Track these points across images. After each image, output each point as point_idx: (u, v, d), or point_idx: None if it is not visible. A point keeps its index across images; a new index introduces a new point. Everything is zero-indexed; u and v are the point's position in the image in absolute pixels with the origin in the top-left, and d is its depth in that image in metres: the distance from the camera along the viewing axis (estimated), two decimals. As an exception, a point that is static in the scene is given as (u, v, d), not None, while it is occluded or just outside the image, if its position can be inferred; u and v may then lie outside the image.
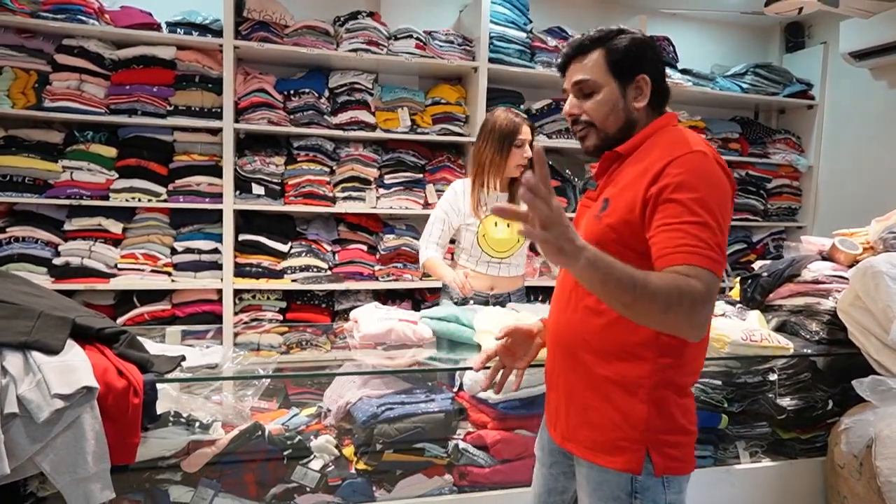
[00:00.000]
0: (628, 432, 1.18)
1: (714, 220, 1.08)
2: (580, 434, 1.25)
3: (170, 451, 1.65)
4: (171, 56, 2.97)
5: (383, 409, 1.84)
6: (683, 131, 1.22)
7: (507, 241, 2.32)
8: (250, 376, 1.84)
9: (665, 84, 1.28)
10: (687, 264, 1.05)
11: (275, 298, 3.22)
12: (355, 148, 3.29)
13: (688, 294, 1.01)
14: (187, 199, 3.03)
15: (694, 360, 1.24)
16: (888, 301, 2.03)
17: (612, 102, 1.24)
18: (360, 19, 3.15)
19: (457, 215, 2.37)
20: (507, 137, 2.27)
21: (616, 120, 1.25)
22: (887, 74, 3.59)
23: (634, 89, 1.24)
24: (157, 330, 2.51)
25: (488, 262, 2.36)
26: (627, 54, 1.23)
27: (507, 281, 2.40)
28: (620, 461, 1.18)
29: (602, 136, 1.27)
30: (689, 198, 1.09)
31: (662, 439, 1.19)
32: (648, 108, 1.26)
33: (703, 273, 1.04)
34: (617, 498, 1.20)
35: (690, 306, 1.02)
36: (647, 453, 1.17)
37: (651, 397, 1.18)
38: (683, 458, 1.21)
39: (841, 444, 2.08)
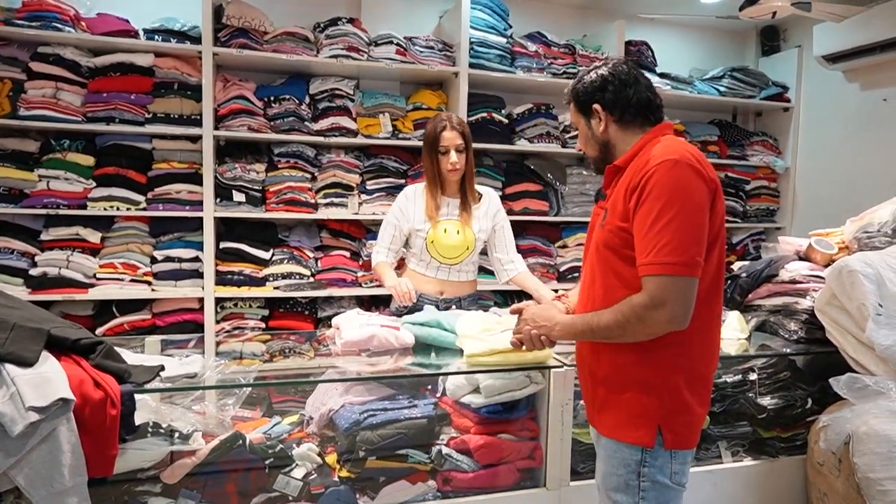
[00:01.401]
0: (643, 413, 1.37)
1: (676, 219, 1.26)
2: (602, 414, 1.46)
3: (149, 462, 1.63)
4: (149, 63, 2.95)
5: (366, 415, 1.83)
6: (666, 141, 1.38)
7: (457, 247, 2.32)
8: (230, 385, 1.82)
9: (627, 100, 1.44)
10: (643, 276, 1.30)
11: (257, 306, 3.20)
12: (337, 154, 3.29)
13: (628, 313, 1.31)
14: (167, 208, 3.00)
15: (703, 347, 1.41)
16: (863, 300, 2.06)
17: (585, 135, 1.51)
18: (340, 25, 3.15)
19: (407, 221, 2.36)
20: (431, 145, 2.29)
21: (592, 147, 1.50)
22: (860, 77, 3.66)
23: (594, 119, 1.47)
24: (137, 340, 2.48)
25: (438, 267, 2.36)
26: (583, 93, 1.47)
27: (457, 286, 2.41)
28: (635, 436, 1.37)
29: (592, 161, 1.53)
30: (654, 205, 1.28)
31: (673, 418, 1.37)
32: (619, 125, 1.45)
33: (649, 281, 1.29)
34: (627, 465, 1.39)
35: (638, 320, 1.30)
36: (658, 430, 1.36)
37: (664, 382, 1.36)
38: (690, 434, 1.40)
39: (820, 441, 2.11)
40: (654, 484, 1.37)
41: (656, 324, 1.29)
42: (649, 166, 1.30)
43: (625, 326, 1.31)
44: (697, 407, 1.39)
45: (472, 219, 2.34)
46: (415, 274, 2.41)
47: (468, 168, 2.33)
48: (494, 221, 2.42)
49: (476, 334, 1.92)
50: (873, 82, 3.58)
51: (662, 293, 1.27)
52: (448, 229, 2.32)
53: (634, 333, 1.32)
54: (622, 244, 1.36)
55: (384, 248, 2.41)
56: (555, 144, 3.57)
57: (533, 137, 3.53)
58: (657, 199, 1.27)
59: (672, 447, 1.37)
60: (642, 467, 1.37)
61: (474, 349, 1.84)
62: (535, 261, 3.58)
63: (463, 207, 2.34)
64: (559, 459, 1.95)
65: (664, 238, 1.26)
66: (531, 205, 3.55)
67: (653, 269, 1.28)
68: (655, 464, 1.37)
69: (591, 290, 1.47)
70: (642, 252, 1.30)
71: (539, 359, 1.86)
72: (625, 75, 1.44)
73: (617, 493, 1.42)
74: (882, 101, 3.53)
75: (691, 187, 1.28)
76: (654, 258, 1.27)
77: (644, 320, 1.29)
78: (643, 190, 1.30)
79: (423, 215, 2.33)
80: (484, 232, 2.39)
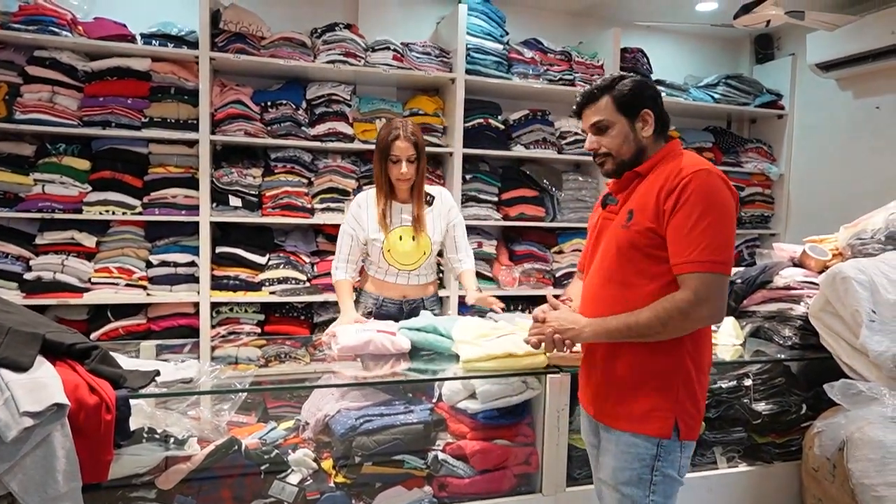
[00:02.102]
0: (662, 405, 1.43)
1: (714, 223, 1.35)
2: (619, 410, 1.49)
3: (144, 467, 1.62)
4: (146, 68, 2.95)
5: (362, 421, 1.83)
6: (691, 154, 1.50)
7: (412, 254, 2.33)
8: (225, 390, 1.81)
9: (665, 113, 1.53)
10: (682, 273, 1.38)
11: (253, 311, 3.19)
12: (333, 159, 3.29)
13: (671, 309, 1.37)
14: (163, 212, 3.00)
15: (706, 339, 1.51)
16: (857, 306, 2.07)
17: (623, 135, 1.51)
18: (337, 31, 3.16)
19: (362, 230, 2.34)
20: (382, 152, 2.25)
21: (629, 149, 1.52)
22: (852, 85, 3.69)
23: (641, 122, 1.51)
24: (132, 345, 2.47)
25: (397, 274, 2.36)
26: (631, 95, 1.50)
27: (417, 289, 2.42)
28: (654, 428, 1.43)
29: (618, 163, 1.53)
30: (693, 209, 1.36)
31: (687, 410, 1.44)
32: (655, 135, 1.52)
33: (692, 278, 1.36)
34: (643, 459, 1.44)
35: (680, 315, 1.36)
36: (675, 422, 1.42)
37: (680, 377, 1.44)
38: (696, 425, 1.48)
39: (814, 447, 2.12)
40: (665, 477, 1.45)
41: (698, 319, 1.38)
42: (685, 173, 1.39)
43: (666, 322, 1.37)
44: (702, 398, 1.49)
45: (425, 223, 2.33)
46: (375, 280, 2.40)
47: (419, 176, 2.30)
48: (448, 220, 2.40)
49: (472, 340, 1.92)
50: (866, 90, 3.62)
51: (707, 289, 1.35)
52: (403, 236, 2.31)
53: (675, 329, 1.38)
54: (650, 244, 1.42)
55: (343, 263, 2.36)
56: (551, 150, 3.58)
57: (529, 143, 3.55)
58: (696, 203, 1.36)
59: (685, 438, 1.45)
60: (656, 461, 1.44)
61: (471, 355, 1.84)
62: (531, 266, 3.59)
63: (415, 213, 2.33)
64: (555, 465, 1.95)
65: (705, 239, 1.35)
66: (527, 210, 3.56)
67: (696, 267, 1.35)
68: (668, 458, 1.44)
69: (603, 290, 1.51)
70: (682, 252, 1.37)
71: (534, 365, 1.87)
72: (656, 90, 1.55)
73: (628, 487, 1.46)
74: (875, 109, 3.56)
75: (724, 196, 1.39)
76: (698, 256, 1.35)
77: (688, 316, 1.36)
78: (681, 194, 1.38)
79: (376, 224, 2.31)
80: (439, 233, 2.38)
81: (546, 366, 1.89)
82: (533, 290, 3.58)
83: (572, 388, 1.96)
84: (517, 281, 3.53)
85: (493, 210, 3.53)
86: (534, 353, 1.84)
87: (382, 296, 2.39)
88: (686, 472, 1.50)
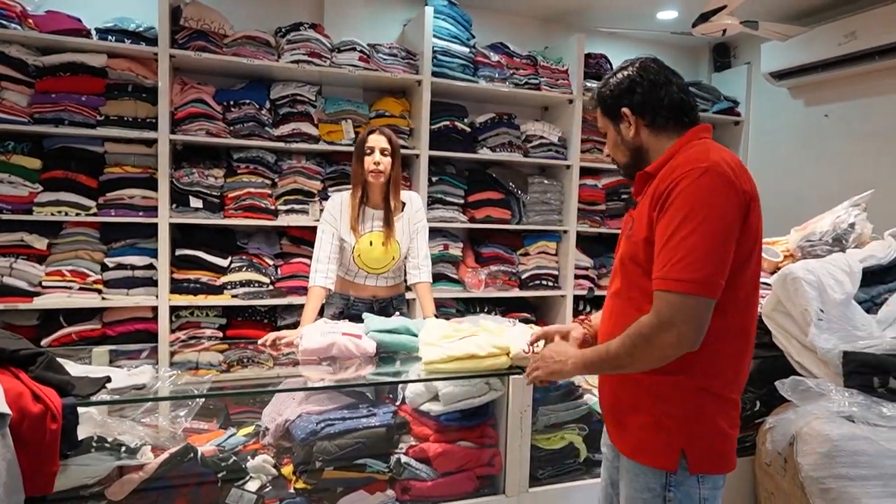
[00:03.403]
0: (662, 435, 1.28)
1: (697, 232, 1.17)
2: (622, 434, 1.38)
3: (93, 478, 1.56)
4: (102, 64, 2.86)
5: (323, 425, 1.81)
6: (700, 146, 1.28)
7: (382, 259, 2.37)
8: (179, 396, 1.77)
9: (658, 102, 1.33)
10: (655, 291, 1.21)
11: (214, 315, 3.13)
12: (298, 160, 3.25)
13: (635, 336, 1.23)
14: (119, 213, 2.91)
15: (728, 368, 1.30)
16: (806, 305, 2.14)
17: (613, 140, 1.43)
18: (302, 31, 3.13)
19: (337, 229, 2.37)
20: (359, 147, 2.34)
21: (622, 153, 1.42)
22: (803, 93, 3.83)
23: (624, 122, 1.37)
24: (85, 351, 2.39)
25: (366, 276, 2.41)
26: (609, 96, 1.39)
27: (386, 290, 2.47)
28: (654, 459, 1.29)
29: (622, 166, 1.44)
30: (675, 215, 1.19)
31: (698, 440, 1.27)
32: (651, 129, 1.35)
33: (661, 298, 1.20)
34: (651, 489, 1.30)
35: (645, 341, 1.21)
36: (682, 452, 1.26)
37: (686, 403, 1.27)
38: (720, 458, 1.30)
39: (767, 442, 2.18)
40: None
41: (664, 345, 1.19)
42: (676, 174, 1.22)
43: (632, 352, 1.23)
44: (728, 429, 1.30)
45: (395, 230, 2.38)
46: (345, 281, 2.42)
47: (394, 179, 2.34)
48: (414, 222, 2.44)
49: (436, 341, 1.92)
50: (816, 99, 3.75)
51: (671, 312, 1.17)
52: (373, 242, 2.35)
53: (643, 359, 1.23)
54: (647, 258, 1.26)
55: (323, 264, 2.33)
56: (517, 154, 3.61)
57: (495, 146, 3.57)
58: (679, 209, 1.18)
59: (698, 471, 1.27)
60: (667, 491, 1.28)
61: (432, 356, 1.84)
62: (497, 268, 3.61)
63: (386, 220, 2.36)
64: (518, 466, 1.96)
65: (679, 253, 1.17)
66: (493, 213, 3.58)
67: (664, 285, 1.19)
68: (681, 489, 1.27)
69: (613, 302, 1.40)
70: (657, 266, 1.21)
71: (497, 366, 1.87)
72: (654, 74, 1.34)
73: None
74: (824, 117, 3.70)
75: (718, 199, 1.18)
76: (668, 273, 1.18)
77: (650, 341, 1.20)
78: (667, 199, 1.21)
79: (348, 227, 2.35)
80: (408, 239, 2.43)
81: (509, 367, 1.90)
82: (499, 291, 3.60)
83: (535, 389, 1.97)
84: (483, 283, 3.54)
85: (459, 212, 3.54)
86: (496, 353, 1.85)
87: (353, 296, 2.42)
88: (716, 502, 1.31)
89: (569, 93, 3.67)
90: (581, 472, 2.16)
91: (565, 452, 2.13)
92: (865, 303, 2.30)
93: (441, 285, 3.51)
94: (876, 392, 2.01)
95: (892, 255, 2.38)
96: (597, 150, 3.78)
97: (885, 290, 2.34)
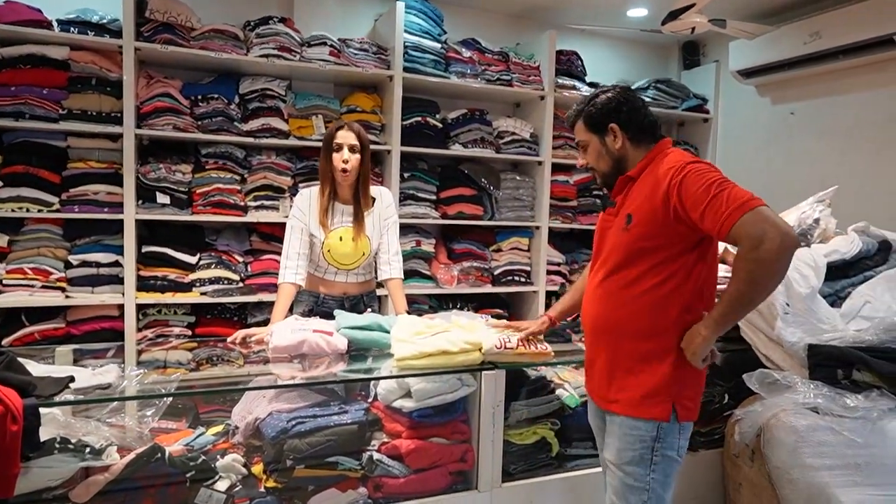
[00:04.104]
0: (660, 391, 1.54)
1: (723, 182, 1.43)
2: (620, 395, 1.60)
3: (56, 480, 1.52)
4: (64, 56, 2.78)
5: (294, 423, 1.79)
6: (675, 153, 1.58)
7: (352, 255, 2.34)
8: (145, 396, 1.73)
9: (640, 120, 1.63)
10: (731, 230, 1.38)
11: (182, 313, 3.06)
12: (268, 156, 3.20)
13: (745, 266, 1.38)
14: (83, 209, 2.83)
15: None
16: (772, 299, 2.19)
17: (597, 151, 1.67)
18: (271, 24, 3.08)
19: (306, 224, 2.34)
20: (327, 143, 2.31)
21: (605, 162, 1.66)
22: (770, 91, 3.91)
23: (610, 136, 1.63)
24: (48, 351, 2.33)
25: (336, 272, 2.38)
26: (597, 113, 1.64)
27: (357, 286, 2.44)
28: (653, 412, 1.54)
29: (601, 174, 1.69)
30: (699, 184, 1.43)
31: (683, 394, 1.56)
32: (632, 142, 1.63)
33: (740, 227, 1.37)
34: (644, 441, 1.56)
35: (756, 264, 1.37)
36: (672, 406, 1.53)
37: (675, 363, 1.53)
38: (695, 407, 1.60)
39: (735, 434, 2.23)
40: (664, 458, 1.56)
41: (773, 252, 1.34)
42: (676, 166, 1.49)
43: (752, 279, 1.38)
44: (699, 381, 1.60)
45: (365, 225, 2.35)
46: (315, 277, 2.39)
47: (363, 174, 2.32)
48: (385, 217, 2.43)
49: (408, 337, 1.91)
50: (782, 97, 3.84)
51: (755, 227, 1.36)
52: (343, 237, 2.32)
53: (764, 278, 1.38)
54: (651, 244, 1.53)
55: (293, 261, 2.31)
56: (489, 150, 3.62)
57: (467, 142, 3.57)
58: (698, 180, 1.43)
59: (683, 420, 1.56)
60: (656, 443, 1.55)
61: (404, 352, 1.83)
62: (469, 264, 3.61)
63: (356, 215, 2.34)
64: (491, 461, 1.97)
65: (722, 198, 1.39)
66: (466, 209, 3.58)
67: (733, 218, 1.37)
68: (667, 439, 1.55)
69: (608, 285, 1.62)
70: (715, 220, 1.39)
71: (469, 362, 1.88)
72: (633, 99, 1.65)
73: (630, 466, 1.57)
74: (789, 115, 3.78)
75: (716, 169, 1.49)
76: (728, 212, 1.37)
77: (759, 259, 1.35)
78: (682, 183, 1.45)
79: (317, 222, 2.32)
80: (378, 234, 2.41)
81: (481, 362, 1.91)
82: (471, 288, 3.60)
83: (507, 384, 1.98)
84: (456, 279, 3.54)
85: (431, 208, 3.53)
86: (468, 349, 1.85)
87: (323, 293, 2.38)
88: (684, 452, 1.61)
89: (540, 89, 3.69)
90: (553, 466, 2.19)
91: (538, 447, 2.15)
92: (830, 297, 2.37)
93: (413, 282, 3.50)
94: (840, 384, 2.06)
95: (855, 250, 2.45)
96: (568, 147, 3.80)
97: (849, 284, 2.41)
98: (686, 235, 1.51)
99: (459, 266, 3.58)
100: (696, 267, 1.54)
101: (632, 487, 1.57)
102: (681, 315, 1.54)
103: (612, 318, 1.62)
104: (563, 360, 2.26)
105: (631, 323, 1.58)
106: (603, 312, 1.64)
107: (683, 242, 1.52)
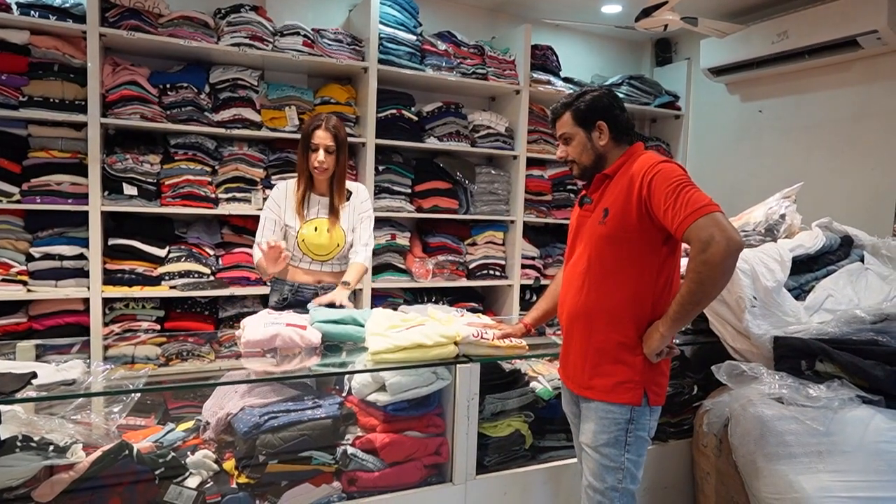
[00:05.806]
0: (632, 377, 1.64)
1: (688, 187, 1.52)
2: (595, 382, 1.69)
3: (18, 479, 1.48)
4: (24, 41, 2.68)
5: (266, 418, 1.77)
6: (649, 154, 1.69)
7: (326, 245, 2.36)
8: (111, 392, 1.69)
9: (624, 122, 1.74)
10: (685, 232, 1.49)
11: (151, 307, 3.00)
12: (239, 147, 3.15)
13: (695, 269, 1.47)
14: (45, 200, 2.75)
15: None
16: (740, 293, 2.24)
17: (582, 144, 1.75)
18: (242, 13, 3.02)
19: (280, 217, 2.36)
20: (304, 140, 2.32)
21: (588, 156, 1.75)
22: (740, 89, 3.99)
23: (597, 132, 1.73)
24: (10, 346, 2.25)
25: (310, 262, 2.40)
26: (587, 109, 1.72)
27: (332, 276, 2.45)
28: (627, 397, 1.65)
29: (582, 168, 1.77)
30: (665, 186, 1.53)
31: (654, 380, 1.67)
32: (614, 141, 1.73)
33: (693, 229, 1.47)
34: (618, 423, 1.66)
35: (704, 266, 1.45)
36: (644, 391, 1.64)
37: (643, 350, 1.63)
38: (663, 394, 1.71)
39: (703, 424, 2.27)
40: (637, 438, 1.67)
41: (719, 255, 1.43)
42: (648, 165, 1.59)
43: (701, 280, 1.48)
44: (666, 368, 1.72)
45: (340, 218, 2.38)
46: (290, 266, 2.39)
47: (339, 170, 2.34)
48: (359, 212, 2.44)
49: (383, 331, 1.90)
50: (751, 95, 3.92)
51: (706, 231, 1.45)
52: (319, 228, 2.34)
53: (712, 279, 1.47)
54: (626, 237, 1.62)
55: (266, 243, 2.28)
56: (464, 143, 3.61)
57: (443, 136, 3.56)
58: (666, 180, 1.54)
59: (653, 404, 1.68)
60: (630, 425, 1.65)
61: (379, 346, 1.82)
62: (444, 258, 3.61)
63: (331, 207, 2.36)
64: (465, 454, 1.98)
65: (682, 200, 1.49)
66: (441, 203, 3.58)
67: (688, 221, 1.47)
68: (640, 422, 1.66)
69: (586, 276, 1.70)
70: (675, 219, 1.50)
71: (444, 355, 1.87)
72: (618, 101, 1.75)
73: (606, 448, 1.67)
74: (758, 113, 3.86)
75: (680, 170, 1.59)
76: (685, 214, 1.48)
77: (708, 262, 1.45)
78: (652, 181, 1.56)
79: (293, 212, 2.34)
80: (352, 226, 2.43)
81: (456, 356, 1.91)
82: (446, 281, 3.60)
83: (481, 377, 1.99)
84: (431, 273, 3.54)
85: (406, 202, 3.51)
86: (443, 343, 1.85)
87: (298, 282, 2.38)
88: (654, 433, 1.73)
89: (516, 83, 3.70)
90: (527, 458, 2.20)
91: (512, 440, 2.16)
92: (795, 290, 2.42)
93: (388, 275, 3.49)
94: (803, 375, 2.11)
95: (818, 245, 2.51)
96: (543, 141, 3.82)
97: (813, 278, 2.47)
98: (657, 230, 1.59)
99: (434, 260, 3.58)
100: (666, 261, 1.64)
101: (608, 468, 1.67)
102: (653, 307, 1.64)
103: (588, 308, 1.70)
104: (537, 353, 2.28)
105: (606, 312, 1.67)
106: (579, 301, 1.72)
107: (655, 237, 1.61)
